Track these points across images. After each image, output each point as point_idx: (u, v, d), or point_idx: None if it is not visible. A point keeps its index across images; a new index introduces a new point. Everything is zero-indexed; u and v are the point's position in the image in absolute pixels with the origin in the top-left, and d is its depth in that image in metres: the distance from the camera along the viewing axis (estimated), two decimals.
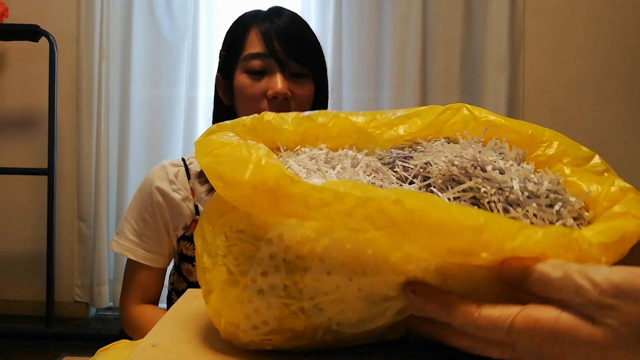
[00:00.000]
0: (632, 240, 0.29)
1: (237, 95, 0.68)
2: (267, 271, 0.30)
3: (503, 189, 0.29)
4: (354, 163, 0.33)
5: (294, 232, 0.29)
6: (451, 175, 0.30)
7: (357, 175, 0.31)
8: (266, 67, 0.65)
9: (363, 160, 0.33)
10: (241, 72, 0.67)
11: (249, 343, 0.32)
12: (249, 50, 0.66)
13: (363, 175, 0.31)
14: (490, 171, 0.30)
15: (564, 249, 0.26)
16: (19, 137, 1.89)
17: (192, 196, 0.70)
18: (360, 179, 0.31)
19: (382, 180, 0.31)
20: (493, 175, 0.30)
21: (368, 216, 0.26)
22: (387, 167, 0.33)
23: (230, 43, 0.70)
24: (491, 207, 0.28)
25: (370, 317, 0.30)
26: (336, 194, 0.26)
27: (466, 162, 0.30)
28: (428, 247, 0.26)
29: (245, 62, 0.66)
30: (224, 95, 0.72)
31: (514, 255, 0.25)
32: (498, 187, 0.29)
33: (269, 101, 0.65)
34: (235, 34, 0.69)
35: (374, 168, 0.32)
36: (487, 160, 0.31)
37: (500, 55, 1.78)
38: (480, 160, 0.31)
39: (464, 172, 0.30)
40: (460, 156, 0.31)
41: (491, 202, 0.28)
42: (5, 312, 1.85)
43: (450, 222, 0.25)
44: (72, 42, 1.83)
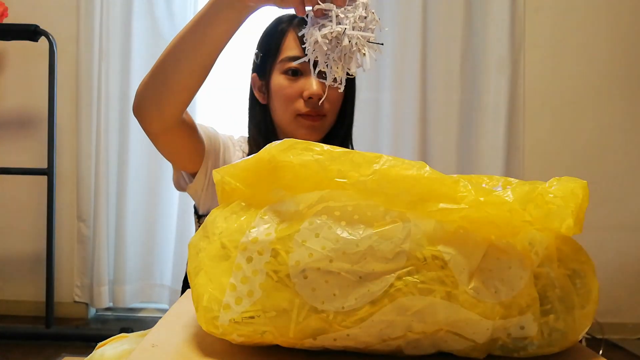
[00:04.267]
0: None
1: (274, 95, 0.72)
2: (259, 237, 0.31)
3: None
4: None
5: (287, 206, 0.32)
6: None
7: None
8: (302, 69, 0.70)
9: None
10: (279, 73, 0.72)
11: (228, 327, 0.32)
12: (286, 53, 0.71)
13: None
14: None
15: (533, 202, 0.30)
16: (18, 137, 1.88)
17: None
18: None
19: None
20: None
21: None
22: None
23: (267, 46, 0.74)
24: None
25: (355, 296, 0.30)
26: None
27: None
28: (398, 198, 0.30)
29: (282, 64, 0.71)
30: (259, 94, 0.76)
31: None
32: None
33: (304, 101, 0.70)
34: (272, 38, 0.74)
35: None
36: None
37: (501, 54, 1.78)
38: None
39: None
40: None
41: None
42: (4, 312, 1.85)
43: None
44: (72, 42, 1.82)
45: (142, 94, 0.59)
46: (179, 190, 0.74)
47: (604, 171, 1.83)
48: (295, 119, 0.71)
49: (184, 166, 0.71)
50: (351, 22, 0.44)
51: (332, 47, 0.44)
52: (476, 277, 0.31)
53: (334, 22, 0.43)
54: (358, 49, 0.44)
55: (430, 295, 0.31)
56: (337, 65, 0.44)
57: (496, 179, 0.43)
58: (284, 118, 0.72)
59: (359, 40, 0.43)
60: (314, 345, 0.33)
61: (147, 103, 0.59)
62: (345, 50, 0.43)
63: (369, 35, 0.44)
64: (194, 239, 0.36)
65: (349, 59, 0.44)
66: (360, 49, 0.44)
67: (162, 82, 0.56)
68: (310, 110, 0.69)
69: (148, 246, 1.85)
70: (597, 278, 0.35)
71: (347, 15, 0.44)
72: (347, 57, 0.44)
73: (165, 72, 0.56)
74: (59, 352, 1.52)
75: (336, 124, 0.75)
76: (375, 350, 0.33)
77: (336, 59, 0.44)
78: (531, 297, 0.32)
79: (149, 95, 0.58)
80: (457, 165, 1.78)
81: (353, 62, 0.44)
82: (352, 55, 0.44)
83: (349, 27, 0.43)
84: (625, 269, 1.80)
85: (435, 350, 0.33)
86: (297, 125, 0.71)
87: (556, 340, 0.34)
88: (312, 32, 0.44)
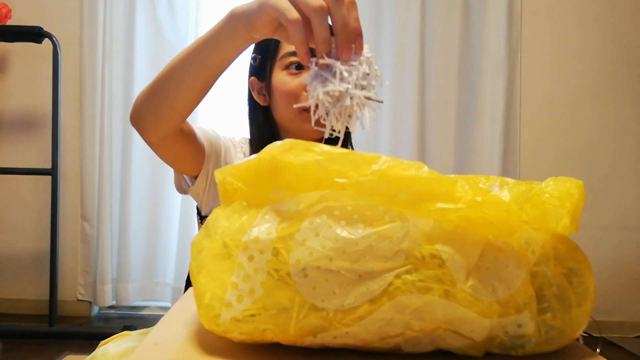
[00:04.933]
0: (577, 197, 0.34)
1: (276, 94, 0.72)
2: (260, 237, 0.31)
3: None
4: None
5: (288, 206, 0.32)
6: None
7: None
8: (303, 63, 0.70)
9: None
10: (280, 70, 0.72)
11: (229, 325, 0.32)
12: (286, 49, 0.72)
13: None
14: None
15: (529, 202, 0.31)
16: (22, 138, 1.90)
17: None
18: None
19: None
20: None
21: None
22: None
23: (266, 47, 0.74)
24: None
25: (355, 294, 0.31)
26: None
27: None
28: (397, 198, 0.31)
29: (283, 60, 0.72)
30: (259, 97, 0.76)
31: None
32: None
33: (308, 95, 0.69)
34: (270, 39, 0.73)
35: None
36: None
37: (498, 56, 1.79)
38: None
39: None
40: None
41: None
42: (8, 311, 1.86)
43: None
44: (75, 44, 1.83)
45: (141, 105, 0.59)
46: (181, 193, 0.74)
47: (599, 171, 1.83)
48: (300, 114, 0.70)
49: (184, 170, 0.71)
50: (354, 79, 0.44)
51: (334, 103, 0.44)
52: (474, 275, 0.32)
53: (337, 80, 0.43)
54: (359, 107, 0.44)
55: (429, 293, 0.31)
56: (338, 120, 0.44)
57: (493, 179, 0.43)
58: (288, 115, 0.72)
59: (360, 99, 0.43)
60: (314, 343, 0.33)
61: (145, 115, 0.59)
62: (346, 108, 0.43)
63: (370, 95, 0.44)
64: (196, 238, 0.36)
65: (348, 117, 0.44)
66: (361, 108, 0.44)
67: (161, 98, 0.57)
68: None
69: (151, 245, 1.86)
70: (593, 277, 0.35)
71: (350, 71, 0.44)
72: (348, 114, 0.44)
73: (165, 88, 0.56)
74: (62, 350, 1.53)
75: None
76: (374, 348, 0.34)
77: (337, 115, 0.44)
78: (528, 296, 0.32)
79: (148, 108, 0.58)
80: (454, 165, 1.79)
81: (353, 120, 0.44)
82: (352, 113, 0.44)
83: (351, 86, 0.43)
84: (622, 268, 1.81)
85: (434, 348, 0.34)
86: (302, 119, 0.70)
87: (553, 338, 0.34)
88: (315, 85, 0.44)
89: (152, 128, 0.59)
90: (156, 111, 0.57)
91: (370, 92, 0.45)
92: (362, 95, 0.44)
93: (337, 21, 0.43)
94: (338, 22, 0.43)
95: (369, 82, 0.45)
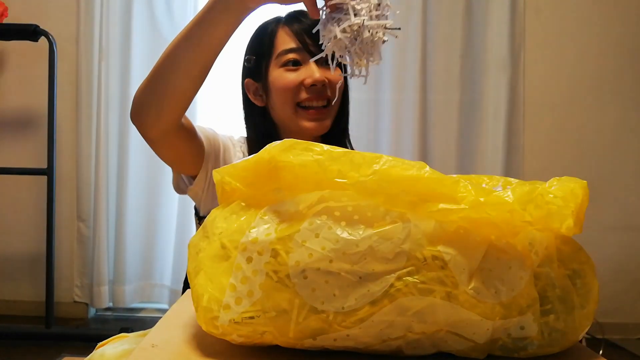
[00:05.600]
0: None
1: (273, 92, 0.72)
2: (259, 238, 0.31)
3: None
4: None
5: (287, 206, 0.32)
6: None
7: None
8: (301, 59, 0.70)
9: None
10: (276, 68, 0.71)
11: (228, 327, 0.32)
12: (282, 47, 0.71)
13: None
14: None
15: (533, 202, 0.31)
16: (18, 137, 1.88)
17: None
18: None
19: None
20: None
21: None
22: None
23: (259, 48, 0.73)
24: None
25: (355, 296, 0.30)
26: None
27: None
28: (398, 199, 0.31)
29: (279, 58, 0.71)
30: (256, 98, 0.75)
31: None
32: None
33: (306, 89, 0.69)
34: (262, 39, 0.73)
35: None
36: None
37: (501, 54, 1.78)
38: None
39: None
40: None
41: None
42: (4, 312, 1.85)
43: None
44: (72, 42, 1.82)
45: (140, 99, 0.58)
46: (179, 193, 0.74)
47: (603, 171, 1.83)
48: (297, 112, 0.70)
49: (183, 170, 0.70)
50: (367, 12, 0.43)
51: (352, 40, 0.44)
52: (476, 277, 0.31)
53: (351, 14, 0.43)
54: (378, 38, 0.44)
55: (430, 295, 0.31)
56: (360, 58, 0.44)
57: (496, 179, 0.43)
58: (286, 112, 0.71)
59: (378, 29, 0.43)
60: (314, 345, 0.33)
61: (145, 109, 0.58)
62: (366, 42, 0.44)
63: (386, 23, 0.44)
64: (194, 239, 0.36)
65: (370, 50, 0.44)
66: (380, 37, 0.44)
67: (160, 87, 0.56)
68: (313, 96, 0.69)
69: (148, 246, 1.85)
70: (597, 278, 0.35)
71: (362, 5, 0.44)
72: (369, 48, 0.44)
73: (163, 76, 0.56)
74: (59, 352, 1.52)
75: (332, 123, 0.75)
76: (375, 351, 0.33)
77: (358, 51, 0.44)
78: (531, 297, 0.32)
79: (147, 100, 0.57)
80: (457, 165, 1.79)
81: (376, 52, 0.44)
82: (373, 46, 0.44)
83: (367, 18, 0.43)
84: (625, 269, 1.81)
85: (436, 351, 0.33)
86: (300, 117, 0.70)
87: (556, 340, 0.34)
88: (330, 28, 0.44)
89: (154, 121, 0.58)
90: (157, 102, 0.56)
91: (386, 21, 0.45)
92: (379, 25, 0.43)
93: None
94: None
95: (382, 13, 0.45)
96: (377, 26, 0.44)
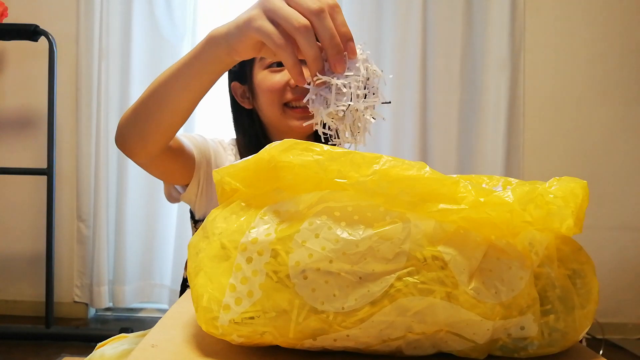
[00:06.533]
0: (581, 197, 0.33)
1: (259, 93, 0.72)
2: (259, 238, 0.31)
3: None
4: None
5: (287, 207, 0.32)
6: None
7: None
8: None
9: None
10: (261, 69, 0.71)
11: (228, 328, 0.32)
12: None
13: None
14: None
15: (533, 203, 0.31)
16: (18, 137, 1.88)
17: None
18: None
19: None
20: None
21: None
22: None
23: None
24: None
25: (355, 296, 0.30)
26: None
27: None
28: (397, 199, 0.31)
29: (263, 59, 0.71)
30: (243, 100, 0.75)
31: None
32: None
33: (292, 89, 0.69)
34: None
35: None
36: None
37: (501, 54, 1.78)
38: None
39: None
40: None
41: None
42: (4, 312, 1.85)
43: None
44: (72, 42, 1.82)
45: (125, 129, 0.57)
46: (171, 202, 0.74)
47: (604, 171, 1.83)
48: (285, 112, 0.70)
49: (174, 182, 0.71)
50: (355, 90, 0.42)
51: (340, 121, 0.43)
52: (476, 277, 0.31)
53: (333, 95, 0.41)
54: (367, 117, 0.42)
55: (431, 295, 0.31)
56: (347, 134, 0.43)
57: (496, 179, 0.43)
58: (273, 113, 0.71)
59: (365, 112, 0.42)
60: (314, 345, 0.33)
61: (130, 138, 0.57)
62: (354, 122, 0.42)
63: (374, 102, 0.43)
64: (193, 240, 0.36)
65: (356, 128, 0.43)
66: (367, 119, 0.42)
67: (145, 120, 0.55)
68: (299, 96, 0.69)
69: (148, 246, 1.85)
70: (597, 278, 0.35)
71: (349, 83, 0.42)
72: (356, 129, 0.43)
73: (149, 111, 0.55)
74: (59, 352, 1.52)
75: None
76: (375, 351, 0.33)
77: (347, 129, 0.43)
78: (531, 298, 0.32)
79: (132, 131, 0.57)
80: (457, 165, 1.79)
81: (361, 134, 0.43)
82: (359, 123, 0.43)
83: (352, 101, 0.41)
84: (626, 269, 1.81)
85: (436, 351, 0.33)
86: (288, 117, 0.70)
87: (556, 340, 0.33)
88: (317, 107, 0.43)
89: (139, 150, 0.58)
90: (142, 133, 0.56)
91: (374, 97, 0.43)
92: (365, 106, 0.42)
93: (323, 35, 0.41)
94: (325, 35, 0.41)
95: (371, 86, 0.44)
96: (364, 108, 0.42)
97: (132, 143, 0.57)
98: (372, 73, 0.44)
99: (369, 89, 0.44)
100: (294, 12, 0.41)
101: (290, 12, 0.41)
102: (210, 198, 0.71)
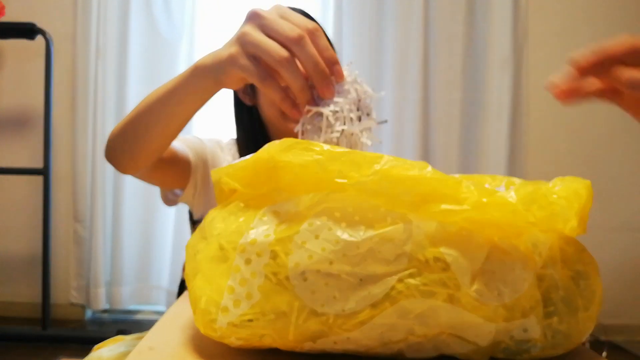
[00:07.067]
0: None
1: (260, 92, 0.71)
2: (258, 239, 0.31)
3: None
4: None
5: (286, 207, 0.32)
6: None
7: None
8: None
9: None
10: None
11: (226, 330, 0.31)
12: None
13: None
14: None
15: (536, 203, 0.30)
16: (14, 137, 1.87)
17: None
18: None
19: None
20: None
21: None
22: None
23: None
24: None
25: (356, 298, 0.30)
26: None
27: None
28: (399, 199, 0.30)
29: None
30: (245, 97, 0.74)
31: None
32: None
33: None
34: None
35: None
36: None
37: (504, 52, 1.78)
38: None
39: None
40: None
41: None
42: (0, 314, 1.84)
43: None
44: (69, 41, 1.81)
45: (114, 145, 0.57)
46: (168, 205, 0.74)
47: (607, 171, 1.83)
48: (284, 113, 0.69)
49: (170, 187, 0.70)
50: (346, 114, 0.41)
51: (335, 145, 0.42)
52: (479, 279, 0.31)
53: (324, 125, 0.40)
54: (360, 144, 0.42)
55: (432, 297, 0.30)
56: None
57: (499, 179, 0.42)
58: (272, 113, 0.71)
59: (359, 135, 0.41)
60: (314, 348, 0.32)
61: (119, 154, 0.57)
62: (348, 145, 0.42)
63: (368, 125, 0.42)
64: (191, 241, 0.35)
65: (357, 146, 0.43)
66: (362, 143, 0.41)
67: (132, 141, 0.55)
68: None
69: (145, 247, 1.84)
70: (600, 279, 0.34)
71: (340, 108, 0.41)
72: (354, 147, 0.42)
73: (136, 133, 0.54)
74: (56, 354, 1.51)
75: None
76: (376, 354, 0.33)
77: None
78: (534, 299, 0.32)
79: (121, 147, 0.56)
80: (459, 164, 1.78)
81: (361, 148, 0.42)
82: (355, 146, 0.42)
83: (347, 122, 0.40)
84: (629, 270, 1.80)
85: (437, 354, 0.33)
86: (285, 118, 0.69)
87: (559, 342, 0.33)
88: (312, 136, 0.42)
89: (129, 166, 0.58)
90: (130, 151, 0.56)
91: (369, 119, 0.42)
92: (359, 130, 0.41)
93: (306, 63, 0.39)
94: (308, 63, 0.39)
95: (364, 106, 0.43)
96: (359, 131, 0.41)
97: (121, 160, 0.57)
98: (362, 93, 0.43)
99: (362, 110, 0.42)
100: (273, 45, 0.39)
101: (269, 46, 0.39)
102: (208, 199, 0.71)
